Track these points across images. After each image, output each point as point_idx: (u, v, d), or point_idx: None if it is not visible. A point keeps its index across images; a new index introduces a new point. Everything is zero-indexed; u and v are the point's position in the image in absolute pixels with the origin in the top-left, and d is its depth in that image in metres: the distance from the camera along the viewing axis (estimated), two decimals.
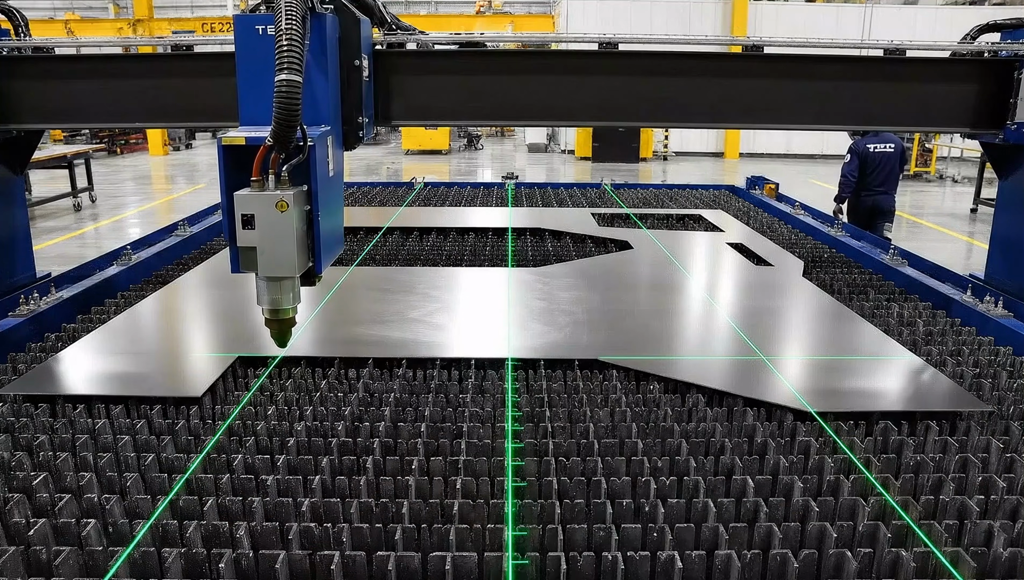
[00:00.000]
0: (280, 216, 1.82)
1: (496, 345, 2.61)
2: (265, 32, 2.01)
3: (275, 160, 1.82)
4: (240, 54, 2.06)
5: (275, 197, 1.81)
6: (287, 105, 1.76)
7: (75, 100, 3.05)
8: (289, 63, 1.77)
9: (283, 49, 1.77)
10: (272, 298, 1.95)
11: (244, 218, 1.82)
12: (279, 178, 1.84)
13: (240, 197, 1.83)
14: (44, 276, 3.60)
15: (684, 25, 19.46)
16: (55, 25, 20.97)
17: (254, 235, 1.83)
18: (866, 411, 2.14)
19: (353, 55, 2.37)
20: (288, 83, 1.75)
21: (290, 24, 1.80)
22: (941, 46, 3.06)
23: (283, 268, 1.88)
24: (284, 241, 1.84)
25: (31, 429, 2.01)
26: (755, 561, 1.50)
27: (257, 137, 1.83)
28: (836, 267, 3.90)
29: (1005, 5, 20.75)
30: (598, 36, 2.96)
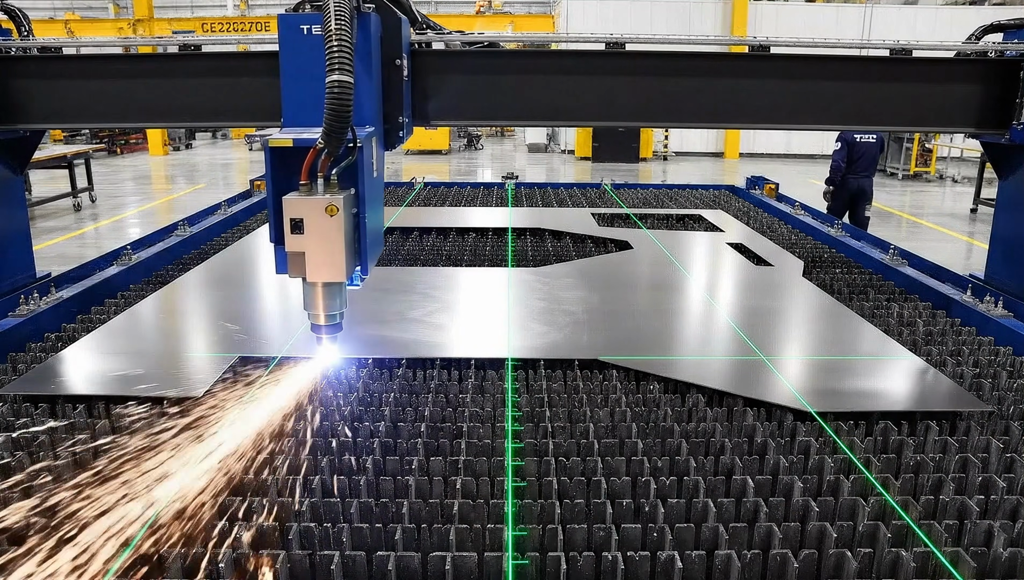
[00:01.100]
0: (330, 220, 1.78)
1: (496, 345, 2.61)
2: (310, 32, 1.98)
3: (324, 163, 1.79)
4: (284, 54, 2.02)
5: (325, 201, 1.78)
6: (340, 107, 1.73)
7: (82, 100, 3.04)
8: (340, 64, 1.74)
9: (334, 50, 1.74)
10: (320, 303, 1.92)
11: (293, 223, 1.79)
12: (328, 181, 1.81)
13: (289, 202, 1.79)
14: (44, 276, 3.60)
15: (684, 25, 19.48)
16: (55, 25, 20.98)
17: (303, 240, 1.80)
18: (866, 411, 2.14)
19: (395, 54, 2.34)
20: (340, 84, 1.72)
21: (340, 24, 1.77)
22: (947, 46, 3.05)
23: (333, 273, 1.85)
24: (334, 246, 1.81)
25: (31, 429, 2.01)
26: (755, 561, 1.50)
27: (304, 139, 1.80)
28: (836, 267, 3.90)
29: (1005, 5, 20.75)
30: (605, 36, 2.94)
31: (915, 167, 16.54)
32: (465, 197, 5.90)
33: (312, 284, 1.92)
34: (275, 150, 1.82)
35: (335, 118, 1.73)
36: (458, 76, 2.89)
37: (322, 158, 1.79)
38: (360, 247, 1.93)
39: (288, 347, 2.54)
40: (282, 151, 1.82)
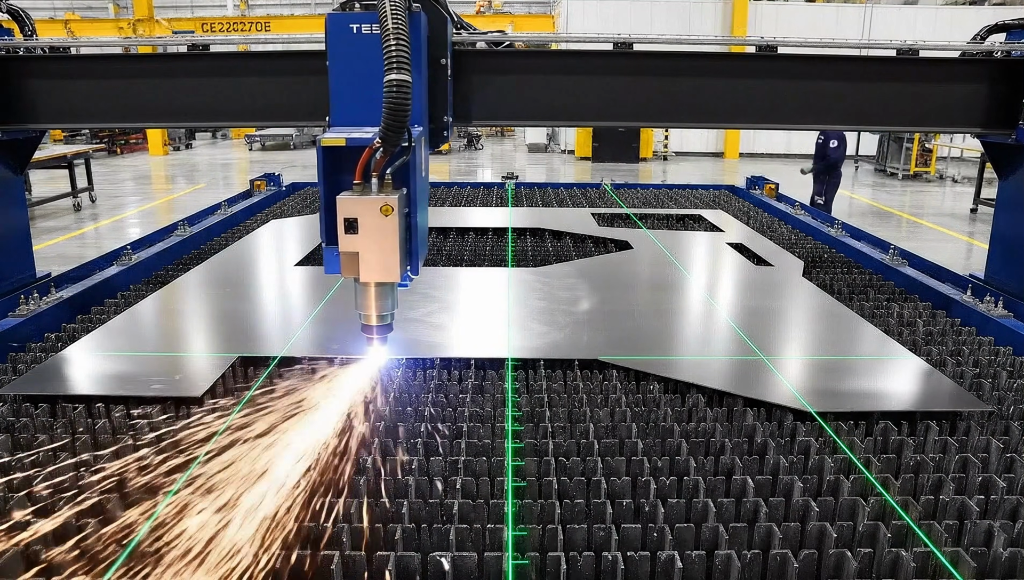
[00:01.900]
0: (384, 220, 1.77)
1: (496, 345, 2.61)
2: (360, 31, 1.96)
3: (379, 162, 1.78)
4: (333, 54, 2.01)
5: (380, 201, 1.76)
6: (399, 106, 1.71)
7: (87, 100, 3.04)
8: (399, 63, 1.72)
9: (391, 49, 1.73)
10: (372, 303, 1.92)
11: (347, 222, 1.78)
12: (382, 181, 1.80)
13: (344, 201, 1.78)
14: (44, 276, 3.60)
15: (684, 25, 19.49)
16: (55, 25, 20.99)
17: (357, 240, 1.79)
18: (866, 411, 2.14)
19: (440, 54, 2.34)
20: (399, 83, 1.71)
21: (397, 23, 1.76)
22: (953, 46, 3.05)
23: (387, 273, 1.84)
24: (388, 246, 1.80)
25: (31, 429, 2.01)
26: (755, 561, 1.50)
27: (356, 139, 1.79)
28: (836, 267, 3.90)
29: (1005, 5, 20.76)
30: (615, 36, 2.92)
31: (915, 167, 16.54)
32: (465, 197, 5.90)
33: (365, 284, 1.91)
34: (327, 149, 1.81)
35: (393, 117, 1.72)
36: (500, 76, 2.88)
37: (377, 157, 1.77)
38: (411, 247, 1.92)
39: (288, 347, 2.54)
40: (333, 151, 1.81)
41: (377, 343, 2.02)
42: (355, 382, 2.18)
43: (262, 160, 19.61)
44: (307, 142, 23.08)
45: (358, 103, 1.89)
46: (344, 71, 2.01)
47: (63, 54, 3.08)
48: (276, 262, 3.87)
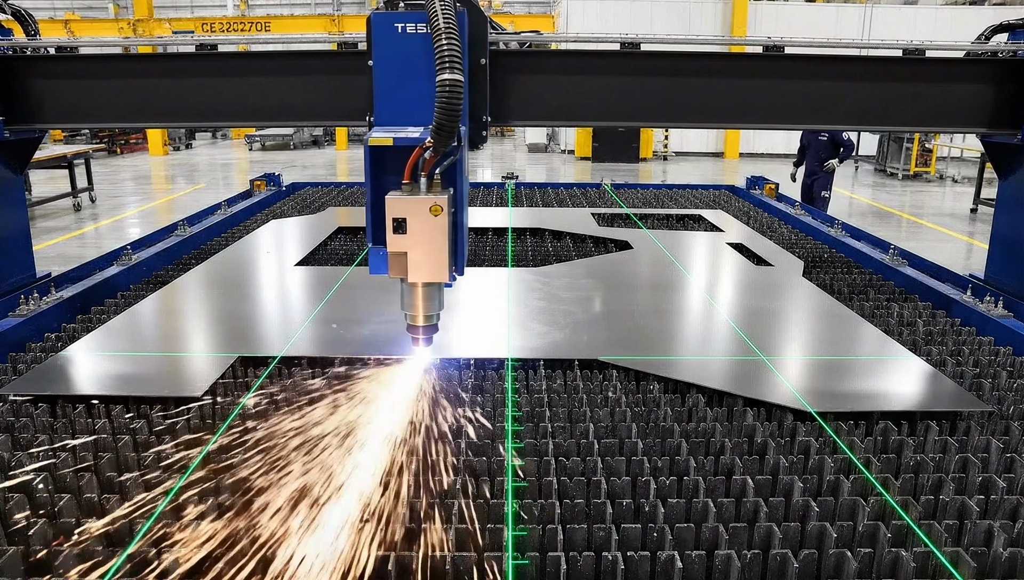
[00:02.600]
0: (434, 220, 1.76)
1: (496, 345, 2.61)
2: (404, 30, 1.96)
3: (428, 162, 1.77)
4: (377, 53, 2.00)
5: (430, 201, 1.76)
6: (452, 106, 1.71)
7: (93, 100, 3.04)
8: (451, 62, 1.72)
9: (443, 48, 1.73)
10: (420, 303, 1.91)
11: (396, 222, 1.77)
12: (431, 180, 1.79)
13: (393, 201, 1.77)
14: (44, 276, 3.60)
15: (684, 25, 19.48)
16: (55, 25, 20.98)
17: (406, 240, 1.78)
18: (866, 411, 2.14)
19: (480, 53, 2.34)
20: (452, 83, 1.71)
21: (448, 22, 1.76)
22: (959, 46, 3.05)
23: (435, 273, 1.84)
24: (437, 246, 1.79)
25: (31, 429, 2.01)
26: (755, 561, 1.50)
27: (403, 138, 1.78)
28: (836, 267, 3.90)
29: (1005, 5, 20.76)
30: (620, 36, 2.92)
31: (915, 167, 16.53)
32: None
33: (412, 284, 1.90)
34: (374, 149, 1.80)
35: (447, 117, 1.71)
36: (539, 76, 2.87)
37: (426, 157, 1.76)
38: (457, 247, 1.91)
39: (288, 347, 2.54)
40: (380, 150, 1.80)
41: (423, 344, 2.01)
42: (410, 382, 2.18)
43: (262, 160, 19.61)
44: (307, 142, 23.09)
45: (402, 103, 1.89)
46: (388, 70, 2.00)
47: (69, 54, 3.08)
48: (276, 262, 3.87)
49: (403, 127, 1.87)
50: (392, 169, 1.80)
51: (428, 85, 1.85)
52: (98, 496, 1.68)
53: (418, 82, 1.92)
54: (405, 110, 1.87)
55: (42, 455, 1.85)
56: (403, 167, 1.80)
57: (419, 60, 1.91)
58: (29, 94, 3.02)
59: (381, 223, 1.81)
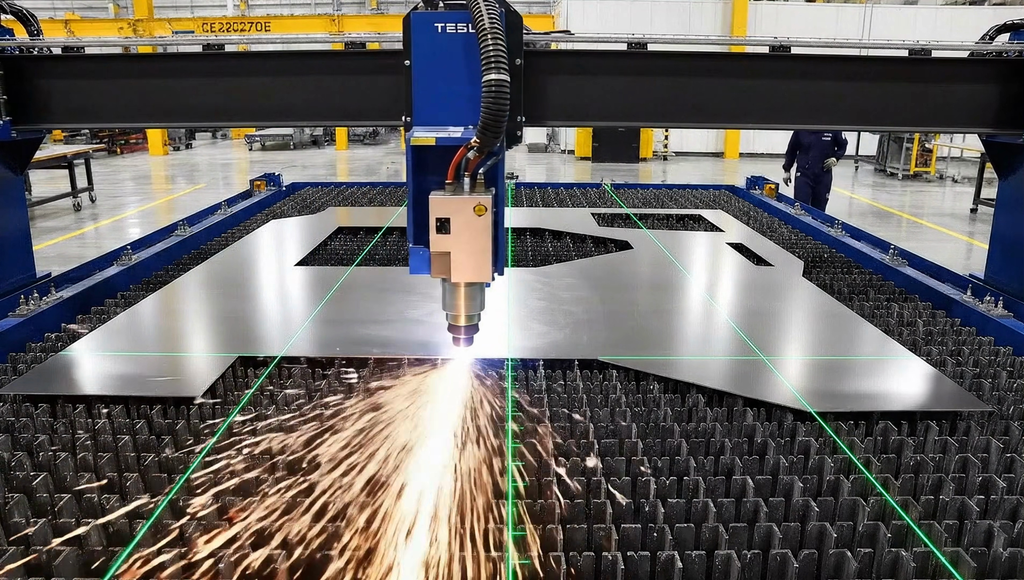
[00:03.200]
0: (478, 220, 1.76)
1: (496, 345, 2.61)
2: (444, 30, 1.96)
3: (472, 162, 1.76)
4: (417, 53, 1.99)
5: (474, 200, 1.75)
6: (499, 106, 1.70)
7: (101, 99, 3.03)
8: (497, 62, 1.71)
9: (489, 49, 1.72)
10: (461, 304, 1.91)
11: (439, 222, 1.76)
12: (474, 180, 1.78)
13: (436, 200, 1.76)
14: (44, 276, 3.60)
15: (684, 25, 19.47)
16: (55, 25, 20.97)
17: (450, 240, 1.78)
18: (866, 411, 2.14)
19: (516, 53, 2.35)
20: (498, 83, 1.70)
21: (493, 22, 1.76)
22: (965, 47, 3.04)
23: (478, 273, 1.83)
24: (480, 245, 1.79)
25: (31, 429, 2.01)
26: (755, 561, 1.50)
27: (445, 138, 1.78)
28: (836, 267, 3.90)
29: (1006, 5, 20.75)
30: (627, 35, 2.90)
31: (915, 167, 16.53)
32: None
33: (455, 285, 1.89)
34: (416, 148, 1.79)
35: (493, 117, 1.71)
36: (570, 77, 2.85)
37: (470, 157, 1.76)
38: (498, 247, 1.90)
39: (288, 347, 2.54)
40: (421, 150, 1.79)
41: (463, 344, 2.01)
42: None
43: (262, 160, 19.61)
44: (307, 142, 23.10)
45: (441, 103, 1.89)
46: (427, 70, 1.99)
47: (76, 54, 3.07)
48: (276, 262, 3.87)
49: (443, 127, 1.87)
50: (432, 169, 1.79)
51: (468, 85, 1.86)
52: (98, 496, 1.68)
53: (458, 82, 1.92)
54: (444, 110, 1.87)
55: (42, 455, 1.85)
56: (443, 166, 1.79)
57: (459, 60, 1.91)
58: (35, 94, 3.01)
59: (422, 223, 1.80)
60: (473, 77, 1.90)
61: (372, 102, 2.78)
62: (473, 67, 1.90)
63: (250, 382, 2.32)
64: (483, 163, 1.79)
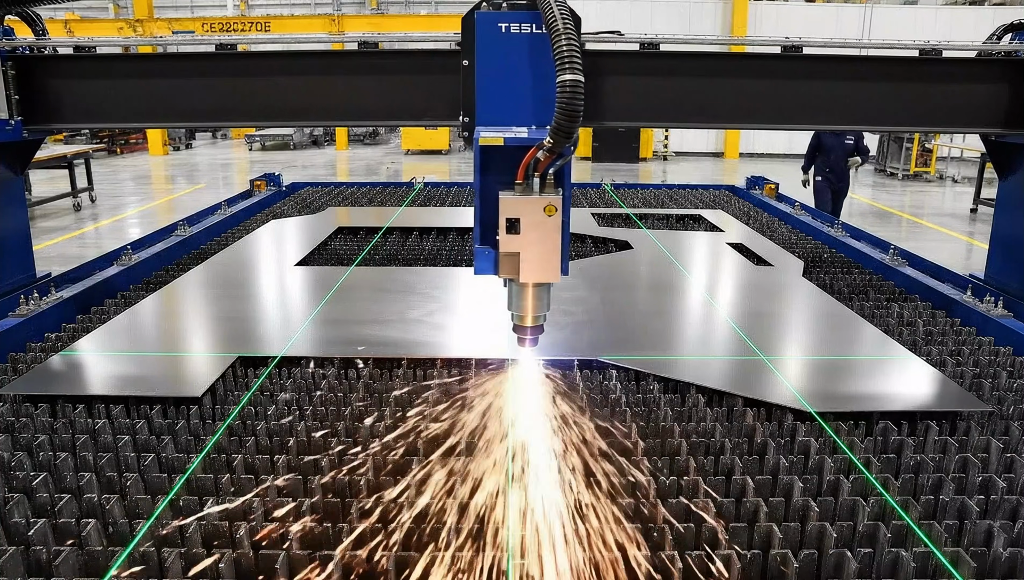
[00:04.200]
0: (548, 220, 1.75)
1: (496, 345, 2.61)
2: (508, 30, 1.95)
3: (543, 162, 1.76)
4: (481, 53, 1.98)
5: (544, 201, 1.74)
6: (573, 106, 1.69)
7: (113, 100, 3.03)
8: (571, 63, 1.70)
9: (563, 48, 1.71)
10: (529, 304, 1.90)
11: (509, 222, 1.76)
12: (544, 180, 1.78)
13: (507, 201, 1.75)
14: (44, 276, 3.60)
15: (684, 25, 19.47)
16: (55, 25, 20.96)
17: (519, 240, 1.77)
18: (866, 411, 2.14)
19: None
20: (573, 83, 1.69)
21: (566, 23, 1.75)
22: (974, 47, 3.04)
23: (547, 274, 1.82)
24: (550, 246, 1.78)
25: (31, 429, 2.02)
26: (755, 561, 1.50)
27: (513, 138, 1.77)
28: (836, 267, 3.90)
29: (1005, 5, 20.75)
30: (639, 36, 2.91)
31: (915, 167, 16.53)
32: (465, 197, 5.90)
33: (523, 285, 1.89)
34: (484, 148, 1.79)
35: (567, 117, 1.69)
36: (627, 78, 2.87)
37: (540, 157, 1.75)
38: (564, 248, 1.89)
39: (288, 347, 2.54)
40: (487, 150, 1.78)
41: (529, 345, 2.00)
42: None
43: (262, 160, 19.61)
44: (307, 142, 23.09)
45: (505, 102, 1.89)
46: (491, 70, 1.98)
47: (87, 54, 3.07)
48: (276, 262, 3.87)
49: (507, 127, 1.86)
50: (495, 169, 1.79)
51: (532, 85, 1.87)
52: (98, 496, 1.68)
53: (521, 82, 1.92)
54: (507, 110, 1.87)
55: (42, 455, 1.85)
56: (507, 166, 1.78)
57: (523, 60, 1.91)
58: (46, 94, 3.01)
59: (488, 223, 1.80)
60: (537, 77, 1.91)
61: (387, 101, 2.83)
62: (537, 67, 1.91)
63: (250, 382, 2.32)
64: (554, 163, 1.78)
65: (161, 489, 1.73)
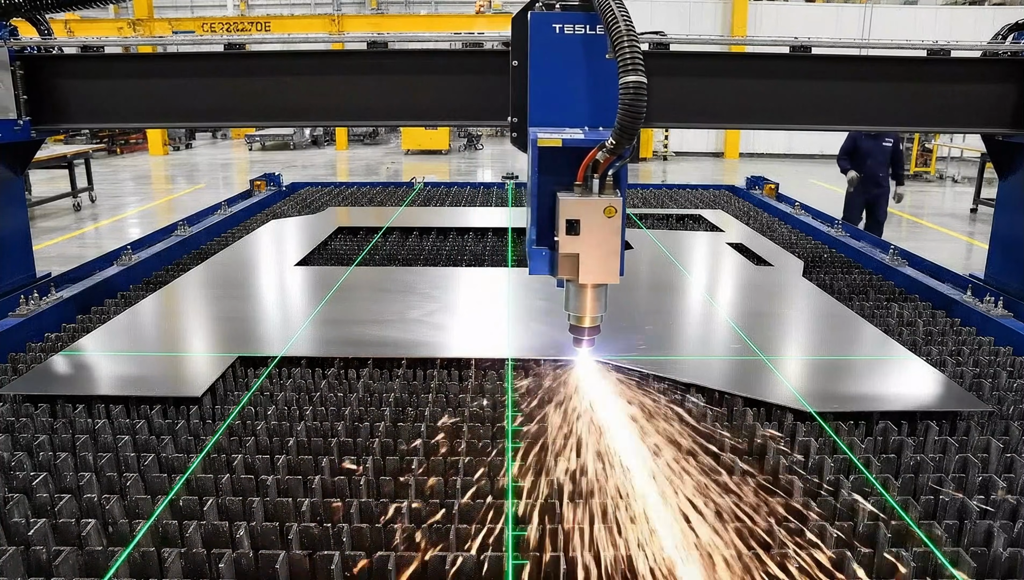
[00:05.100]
0: (608, 221, 1.75)
1: (496, 345, 2.61)
2: (562, 31, 1.95)
3: (604, 164, 1.75)
4: (535, 53, 1.98)
5: (604, 202, 1.74)
6: (636, 107, 1.68)
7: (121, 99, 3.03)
8: (634, 64, 1.69)
9: (626, 50, 1.70)
10: (588, 305, 1.91)
11: (569, 224, 1.76)
12: (603, 182, 1.77)
13: (567, 202, 1.75)
14: (44, 276, 3.60)
15: (684, 25, 19.47)
16: (55, 25, 20.95)
17: (579, 241, 1.77)
18: (866, 411, 2.14)
19: None
20: (636, 85, 1.68)
21: (628, 24, 1.75)
22: (980, 46, 3.04)
23: (607, 275, 1.83)
24: (610, 247, 1.78)
25: (31, 429, 2.02)
26: (755, 561, 1.50)
27: (570, 140, 1.77)
28: (836, 267, 3.90)
29: (1005, 5, 20.75)
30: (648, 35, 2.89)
31: (915, 167, 16.53)
32: (465, 197, 5.90)
33: (581, 286, 1.89)
34: (543, 150, 1.79)
35: (630, 119, 1.69)
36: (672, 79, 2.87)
37: (600, 159, 1.75)
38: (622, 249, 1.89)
39: (288, 347, 2.54)
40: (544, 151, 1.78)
41: (586, 346, 2.02)
42: None
43: (262, 160, 19.62)
44: (307, 142, 23.10)
45: (560, 103, 1.90)
46: (545, 70, 1.98)
47: (95, 54, 3.06)
48: (276, 262, 3.87)
49: (566, 128, 1.86)
50: (550, 170, 1.79)
51: (587, 86, 1.89)
52: (98, 496, 1.68)
53: (575, 83, 1.93)
54: (563, 111, 1.88)
55: (42, 455, 1.85)
56: (563, 168, 1.78)
57: (577, 61, 1.91)
58: (54, 94, 3.01)
59: (545, 224, 1.80)
60: (591, 78, 1.91)
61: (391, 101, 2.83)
62: (592, 68, 1.91)
63: (250, 382, 2.32)
64: (613, 164, 1.78)
65: (161, 489, 1.73)
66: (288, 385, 2.31)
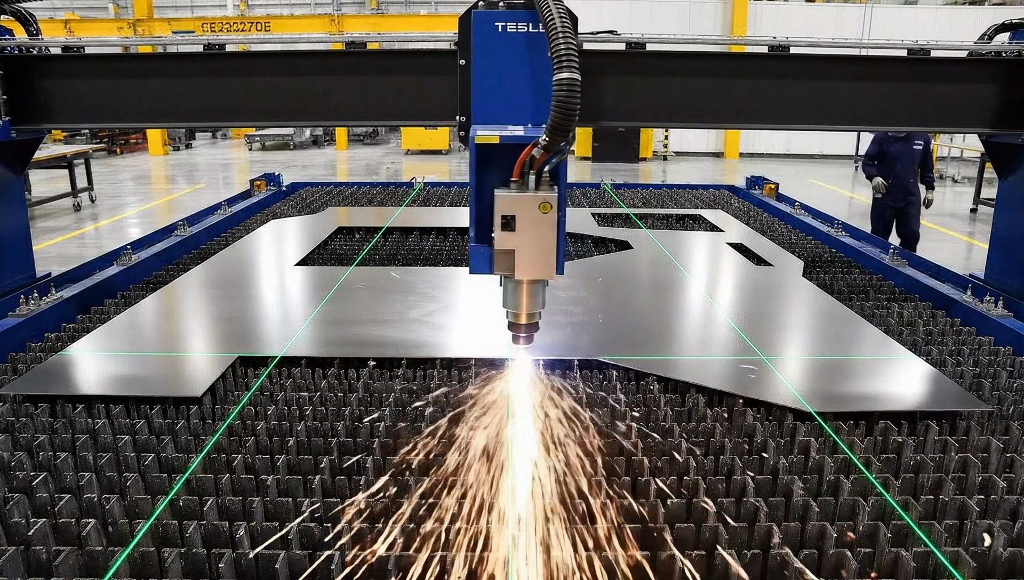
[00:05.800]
0: (543, 217, 1.76)
1: (496, 345, 2.61)
2: (505, 29, 1.96)
3: (540, 160, 1.76)
4: (477, 51, 2.00)
5: (539, 198, 1.74)
6: (569, 104, 1.69)
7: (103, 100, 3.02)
8: (568, 61, 1.70)
9: (561, 47, 1.71)
10: (524, 301, 1.90)
11: (504, 219, 1.76)
12: (539, 178, 1.77)
13: (502, 198, 1.75)
14: (44, 276, 3.60)
15: (684, 25, 19.47)
16: (55, 24, 20.96)
17: (514, 237, 1.77)
18: (866, 411, 2.14)
19: None
20: (570, 81, 1.68)
21: (564, 22, 1.75)
22: (964, 46, 3.04)
23: (543, 271, 1.82)
24: (546, 243, 1.78)
25: (31, 429, 2.01)
26: (755, 561, 1.50)
27: (508, 136, 1.78)
28: (836, 267, 3.90)
29: (1005, 5, 20.75)
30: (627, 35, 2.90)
31: None
32: (465, 197, 5.90)
33: (517, 282, 1.89)
34: (479, 146, 1.79)
35: (563, 116, 1.69)
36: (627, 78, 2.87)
37: (536, 155, 1.75)
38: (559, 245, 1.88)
39: (288, 347, 2.54)
40: (483, 148, 1.79)
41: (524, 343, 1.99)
42: None
43: (262, 160, 19.61)
44: (307, 142, 23.09)
45: (502, 101, 1.92)
46: (487, 69, 2.00)
47: (76, 54, 3.06)
48: (276, 262, 3.87)
49: (503, 125, 1.87)
50: (492, 167, 1.79)
51: (528, 84, 1.89)
52: (98, 496, 1.68)
53: (518, 81, 1.94)
54: (503, 108, 1.89)
55: (42, 455, 1.85)
56: (503, 165, 1.78)
57: (519, 59, 1.92)
58: (36, 94, 3.00)
59: (484, 221, 1.80)
60: (533, 76, 1.93)
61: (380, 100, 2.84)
62: (534, 66, 1.92)
63: (250, 382, 2.32)
64: (549, 161, 1.78)
65: (161, 489, 1.73)
66: (288, 385, 2.31)
